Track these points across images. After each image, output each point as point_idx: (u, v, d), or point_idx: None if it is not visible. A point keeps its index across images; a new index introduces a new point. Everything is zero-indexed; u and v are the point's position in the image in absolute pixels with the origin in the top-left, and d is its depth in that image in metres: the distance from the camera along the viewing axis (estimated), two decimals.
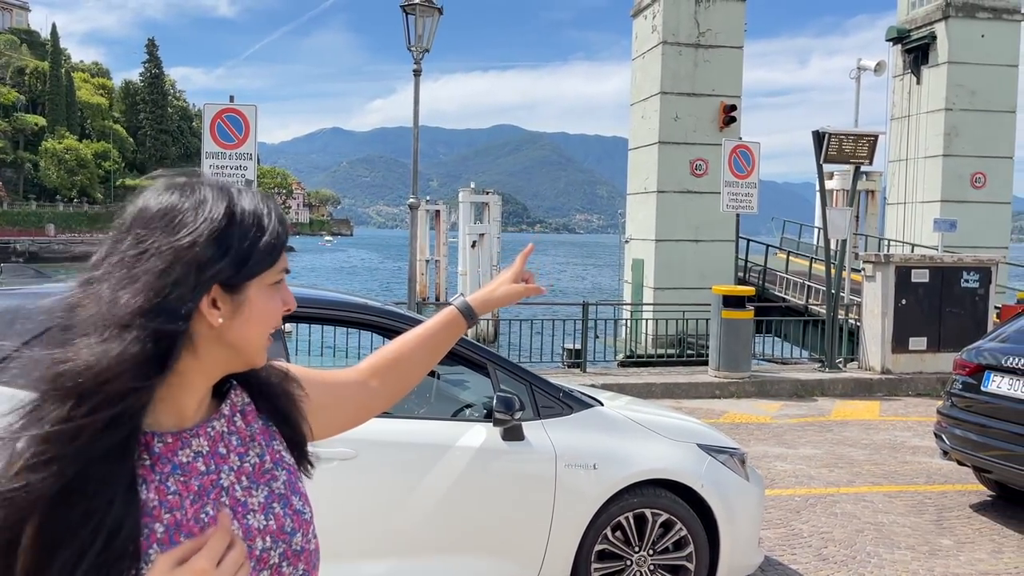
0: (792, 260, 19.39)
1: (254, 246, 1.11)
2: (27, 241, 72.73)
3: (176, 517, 1.06)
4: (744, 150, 12.33)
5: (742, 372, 11.03)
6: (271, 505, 1.15)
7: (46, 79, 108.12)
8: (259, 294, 1.12)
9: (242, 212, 1.12)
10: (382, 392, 1.50)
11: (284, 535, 1.15)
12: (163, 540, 1.04)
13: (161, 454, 1.09)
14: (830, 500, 6.50)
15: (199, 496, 1.10)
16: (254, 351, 1.15)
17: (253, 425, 1.21)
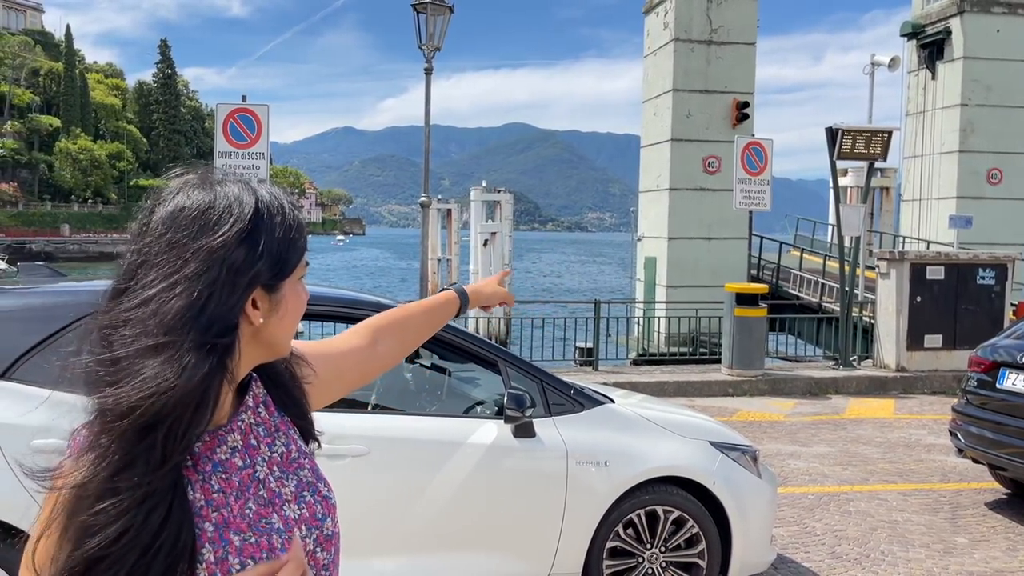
0: (806, 258, 19.28)
1: (289, 243, 1.11)
2: (42, 241, 73.31)
3: (224, 515, 1.07)
4: (757, 147, 12.27)
5: (755, 370, 10.98)
6: (302, 493, 1.16)
7: (60, 80, 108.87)
8: (292, 289, 1.14)
9: (269, 209, 1.11)
10: (384, 355, 1.54)
11: (316, 521, 1.16)
12: (214, 539, 1.05)
13: (201, 453, 1.09)
14: (844, 498, 6.47)
15: (241, 492, 1.10)
16: (285, 344, 1.17)
17: (276, 415, 1.22)
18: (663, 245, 17.72)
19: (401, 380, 4.68)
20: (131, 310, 1.01)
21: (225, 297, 1.03)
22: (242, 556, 1.05)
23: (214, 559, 1.04)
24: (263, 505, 1.11)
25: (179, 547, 1.00)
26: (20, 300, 3.66)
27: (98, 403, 0.99)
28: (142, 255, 1.05)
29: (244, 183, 1.12)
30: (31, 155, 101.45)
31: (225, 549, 1.05)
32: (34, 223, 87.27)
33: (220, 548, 1.04)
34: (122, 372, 0.98)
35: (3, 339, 3.33)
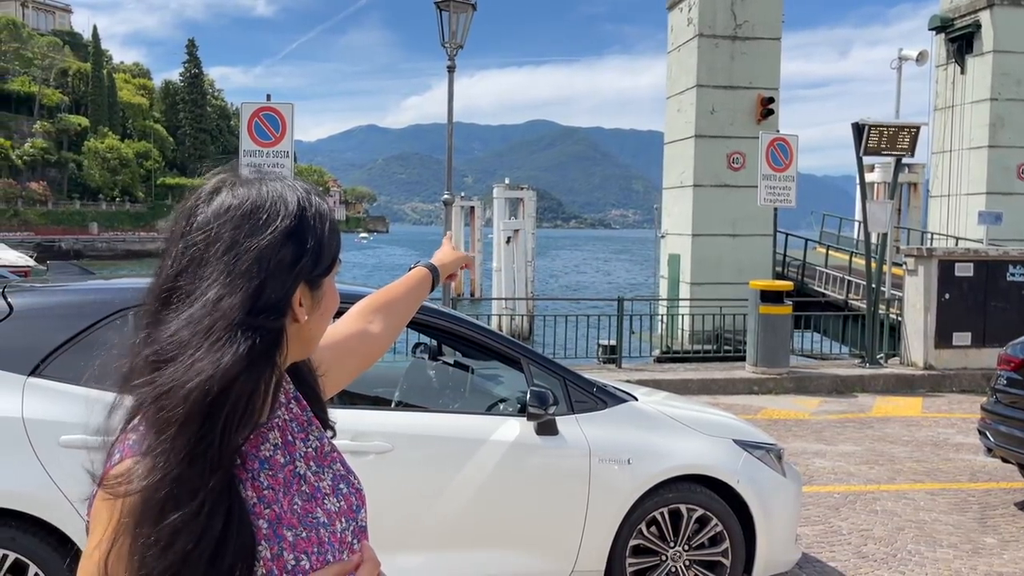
0: (832, 254, 19.10)
1: (328, 240, 1.13)
2: (71, 240, 74.33)
3: (275, 511, 1.08)
4: (782, 143, 12.16)
5: (780, 368, 10.90)
6: (338, 486, 1.18)
7: (88, 80, 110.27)
8: (331, 286, 1.16)
9: (312, 206, 1.13)
10: (379, 336, 1.56)
11: (353, 513, 1.18)
12: (269, 536, 1.05)
13: (248, 451, 1.09)
14: (870, 497, 6.41)
15: (287, 488, 1.11)
16: (319, 341, 1.19)
17: (306, 410, 1.23)
18: (687, 242, 17.62)
19: (424, 378, 4.70)
20: (184, 308, 1.02)
21: (276, 292, 1.05)
22: (296, 551, 1.07)
23: (270, 555, 1.05)
24: (307, 500, 1.13)
25: (242, 549, 1.00)
26: (50, 298, 3.71)
27: (153, 390, 0.98)
28: (189, 253, 1.05)
29: (284, 180, 1.14)
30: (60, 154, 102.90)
31: (280, 545, 1.06)
32: (63, 222, 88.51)
33: (275, 545, 1.06)
34: (178, 361, 0.99)
35: (33, 336, 3.38)
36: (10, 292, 3.53)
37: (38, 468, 3.13)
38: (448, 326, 4.06)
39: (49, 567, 3.22)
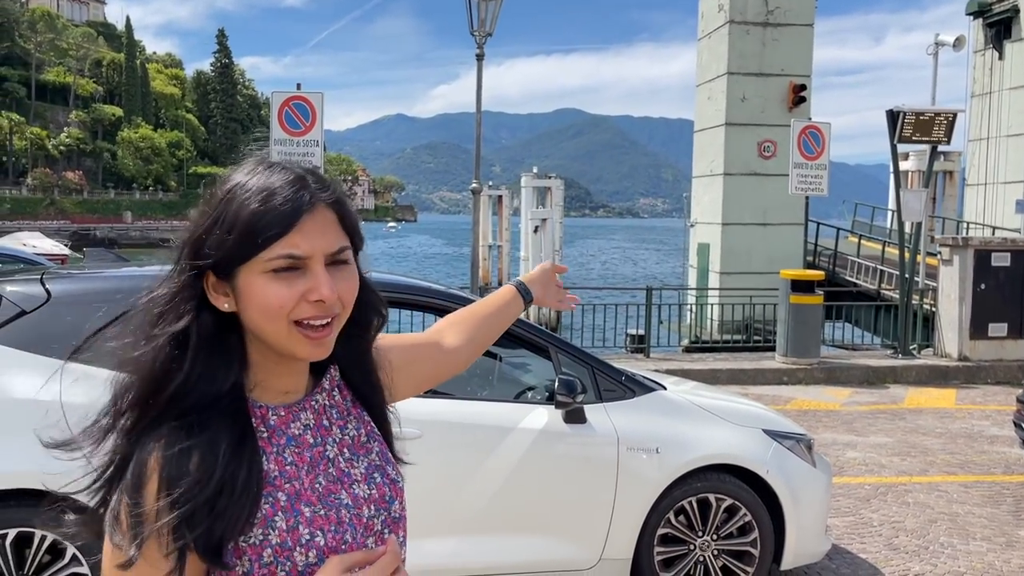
0: (864, 244, 18.85)
1: (233, 229, 1.06)
2: (106, 228, 75.52)
3: (295, 487, 1.11)
4: (814, 131, 12.00)
5: (810, 358, 10.80)
6: (372, 475, 1.19)
7: (122, 70, 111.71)
8: (251, 281, 1.06)
9: (241, 191, 1.08)
10: (462, 352, 1.56)
11: (384, 503, 1.19)
12: (286, 508, 1.08)
13: (276, 427, 1.13)
14: (902, 489, 6.34)
15: (312, 467, 1.14)
16: (277, 342, 1.09)
17: (348, 399, 1.24)
18: (716, 231, 17.48)
19: None
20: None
21: (176, 278, 1.09)
22: (312, 527, 1.09)
23: (285, 527, 1.07)
24: (332, 482, 1.15)
25: (241, 482, 1.05)
26: (87, 284, 3.78)
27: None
28: None
29: (257, 166, 1.11)
30: (95, 144, 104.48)
31: (296, 519, 1.08)
32: (98, 210, 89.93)
33: (291, 517, 1.08)
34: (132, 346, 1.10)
35: (71, 322, 3.45)
36: (48, 279, 3.60)
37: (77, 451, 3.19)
38: None
39: (85, 547, 3.29)
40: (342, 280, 1.10)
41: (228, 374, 1.09)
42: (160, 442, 1.04)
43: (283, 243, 1.05)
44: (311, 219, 1.07)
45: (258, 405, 1.13)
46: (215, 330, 1.09)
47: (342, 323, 1.14)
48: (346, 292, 1.11)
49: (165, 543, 1.01)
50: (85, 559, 3.29)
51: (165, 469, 1.03)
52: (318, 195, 1.09)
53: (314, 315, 1.08)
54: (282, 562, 1.06)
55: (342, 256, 1.11)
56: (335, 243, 1.10)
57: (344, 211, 1.12)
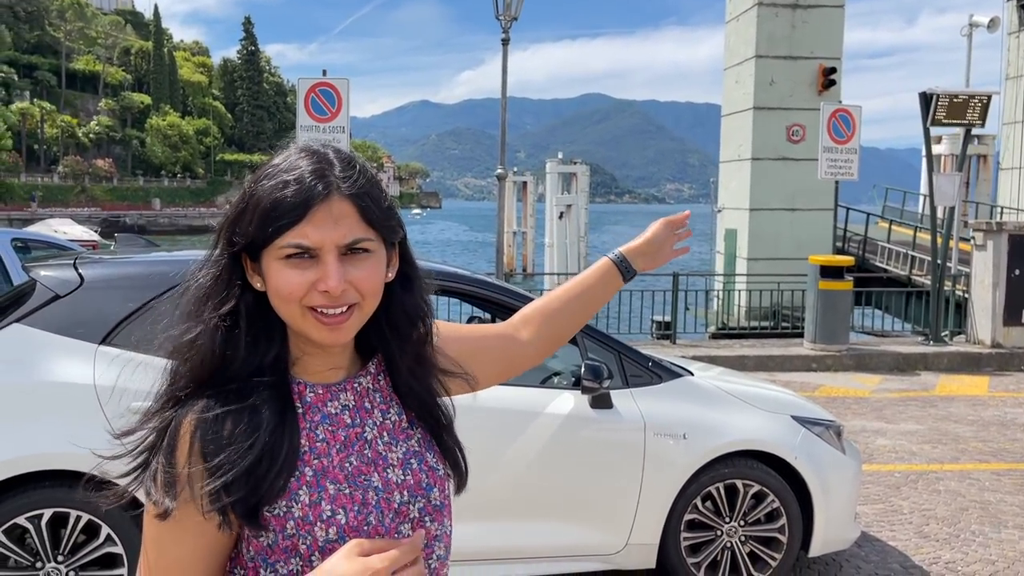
0: (895, 229, 18.59)
1: (254, 216, 1.08)
2: (136, 215, 76.40)
3: (323, 463, 1.12)
4: (844, 114, 11.83)
5: (839, 344, 10.69)
6: (408, 461, 1.19)
7: (150, 59, 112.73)
8: (270, 265, 1.09)
9: (267, 178, 1.10)
10: (535, 343, 1.51)
11: (421, 490, 1.18)
12: (311, 483, 1.11)
13: (312, 403, 1.15)
14: (932, 477, 6.27)
15: (345, 446, 1.15)
16: (293, 325, 1.12)
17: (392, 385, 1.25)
18: (744, 217, 17.33)
19: None
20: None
21: (216, 262, 1.13)
22: (334, 504, 1.10)
23: (308, 501, 1.09)
24: (366, 464, 1.15)
25: (280, 465, 1.08)
26: (118, 269, 3.83)
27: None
28: None
29: (292, 152, 1.13)
30: (124, 132, 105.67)
31: (320, 495, 1.10)
32: (127, 197, 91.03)
33: (315, 492, 1.10)
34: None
35: (103, 306, 3.49)
36: (81, 264, 3.65)
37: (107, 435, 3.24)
38: (502, 299, 4.07)
39: (120, 528, 3.35)
40: (358, 270, 1.09)
41: (270, 349, 1.13)
42: (197, 406, 1.09)
43: (294, 232, 1.07)
44: (324, 209, 1.07)
45: (297, 381, 1.16)
46: (257, 308, 1.13)
47: (367, 311, 1.14)
48: (363, 282, 1.10)
49: (201, 504, 1.05)
50: (119, 539, 3.35)
51: (199, 431, 1.07)
52: (336, 185, 1.09)
53: (324, 304, 1.08)
54: (303, 536, 1.08)
55: (360, 246, 1.10)
56: (349, 235, 1.08)
57: (365, 204, 1.11)
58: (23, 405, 3.36)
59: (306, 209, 1.07)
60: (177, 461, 1.07)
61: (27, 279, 3.70)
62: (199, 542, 1.08)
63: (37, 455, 3.29)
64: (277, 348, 1.14)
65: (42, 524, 3.30)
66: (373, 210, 1.11)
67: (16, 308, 3.51)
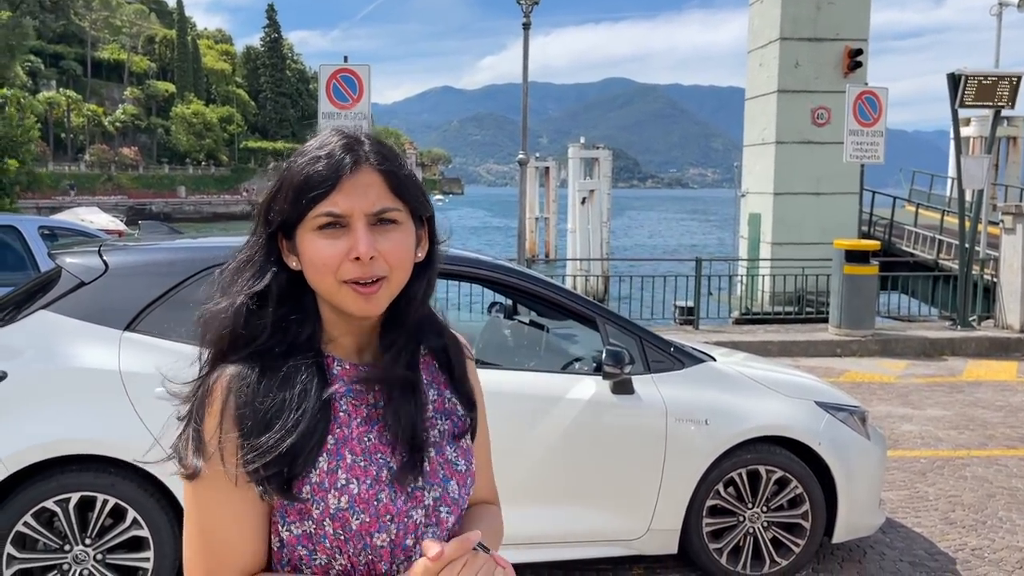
0: (922, 213, 18.34)
1: (289, 192, 1.14)
2: (161, 203, 77.03)
3: (344, 433, 1.17)
4: (870, 96, 11.66)
5: (865, 330, 10.58)
6: (426, 450, 1.21)
7: (174, 47, 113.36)
8: (303, 238, 1.14)
9: (299, 157, 1.16)
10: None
11: (438, 479, 1.20)
12: (331, 451, 1.15)
13: (339, 376, 1.19)
14: (959, 463, 6.20)
15: (365, 422, 1.18)
16: (329, 297, 1.16)
17: (427, 377, 1.27)
18: (768, 201, 17.16)
19: (500, 336, 4.73)
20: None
21: (254, 241, 1.19)
22: (349, 473, 1.15)
23: (327, 468, 1.14)
24: (384, 443, 1.18)
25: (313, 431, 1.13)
26: (142, 256, 3.86)
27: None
28: None
29: (322, 135, 1.18)
30: (149, 120, 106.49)
31: (338, 463, 1.15)
32: (153, 185, 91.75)
33: (334, 460, 1.14)
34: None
35: (128, 293, 3.53)
36: (105, 250, 3.68)
37: (135, 419, 3.28)
38: (524, 285, 4.07)
39: (146, 511, 3.39)
40: (386, 240, 1.14)
41: (303, 328, 1.18)
42: (230, 371, 1.15)
43: (326, 202, 1.12)
44: (353, 179, 1.13)
45: (327, 355, 1.20)
46: (291, 289, 1.18)
47: (395, 285, 1.17)
48: (390, 252, 1.14)
49: (233, 467, 1.11)
50: (145, 522, 3.39)
51: (231, 396, 1.12)
52: (366, 158, 1.15)
53: (358, 276, 1.12)
54: (317, 501, 1.12)
55: (388, 216, 1.14)
56: (377, 203, 1.13)
57: (393, 176, 1.16)
58: (50, 390, 3.40)
59: (336, 180, 1.12)
60: (207, 425, 1.12)
61: (53, 266, 3.75)
62: (238, 505, 1.13)
63: (64, 440, 3.34)
64: (310, 328, 1.18)
65: (70, 508, 3.35)
66: (401, 181, 1.17)
67: (42, 295, 3.56)
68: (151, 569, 3.42)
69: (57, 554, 3.38)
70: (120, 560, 3.43)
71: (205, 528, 1.13)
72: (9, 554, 3.31)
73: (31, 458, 3.30)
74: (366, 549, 1.14)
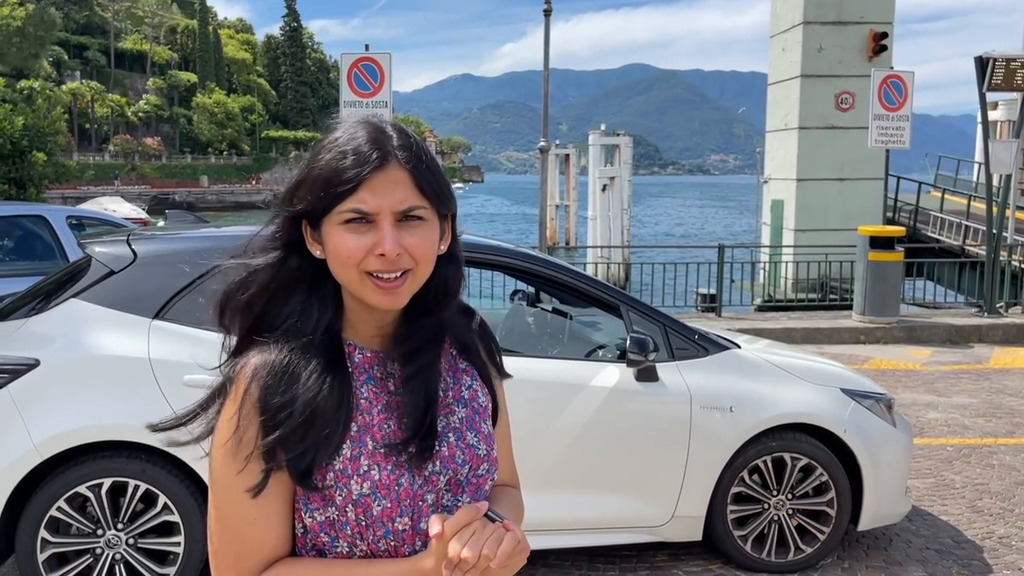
0: (948, 198, 18.10)
1: (315, 183, 1.14)
2: (184, 192, 77.59)
3: (366, 420, 1.18)
4: (896, 80, 11.51)
5: (889, 317, 10.48)
6: (446, 434, 1.22)
7: (195, 37, 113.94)
8: (330, 231, 1.14)
9: (328, 147, 1.16)
10: None
11: (454, 464, 1.21)
12: (354, 438, 1.17)
13: (359, 364, 1.21)
14: (986, 451, 6.14)
15: (385, 409, 1.20)
16: (352, 289, 1.17)
17: (447, 362, 1.28)
18: (791, 187, 17.01)
19: (523, 324, 4.74)
20: None
21: (277, 224, 1.20)
22: (370, 460, 1.16)
23: (349, 455, 1.16)
24: (403, 429, 1.19)
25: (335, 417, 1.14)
26: (170, 245, 3.90)
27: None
28: None
29: (351, 123, 1.18)
30: (172, 110, 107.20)
31: (360, 449, 1.16)
32: (176, 175, 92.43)
33: (357, 447, 1.16)
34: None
35: (156, 282, 3.57)
36: (134, 240, 3.72)
37: (165, 406, 3.32)
38: (547, 272, 4.07)
39: (176, 497, 3.44)
40: (412, 237, 1.14)
41: (324, 313, 1.19)
42: (254, 359, 1.17)
43: (353, 199, 1.12)
44: (381, 176, 1.13)
45: (348, 342, 1.22)
46: (313, 273, 1.19)
47: (420, 278, 1.18)
48: (416, 248, 1.14)
49: (257, 456, 1.12)
50: (175, 508, 3.44)
51: (254, 383, 1.14)
52: (394, 154, 1.14)
53: (381, 269, 1.13)
54: (340, 487, 1.14)
55: (414, 213, 1.14)
56: (404, 202, 1.13)
57: (420, 174, 1.15)
58: (81, 378, 3.45)
59: (364, 176, 1.12)
60: (229, 412, 1.14)
61: (82, 255, 3.79)
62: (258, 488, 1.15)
63: (96, 426, 3.39)
64: (331, 315, 1.19)
65: (102, 493, 3.41)
66: (428, 180, 1.16)
67: (73, 283, 3.61)
68: (182, 553, 3.47)
69: (90, 538, 3.44)
70: (151, 544, 3.48)
71: (230, 515, 1.15)
72: (43, 538, 3.37)
73: (64, 444, 3.36)
74: (388, 535, 1.16)
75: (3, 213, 8.52)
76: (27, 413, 3.34)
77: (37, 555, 3.36)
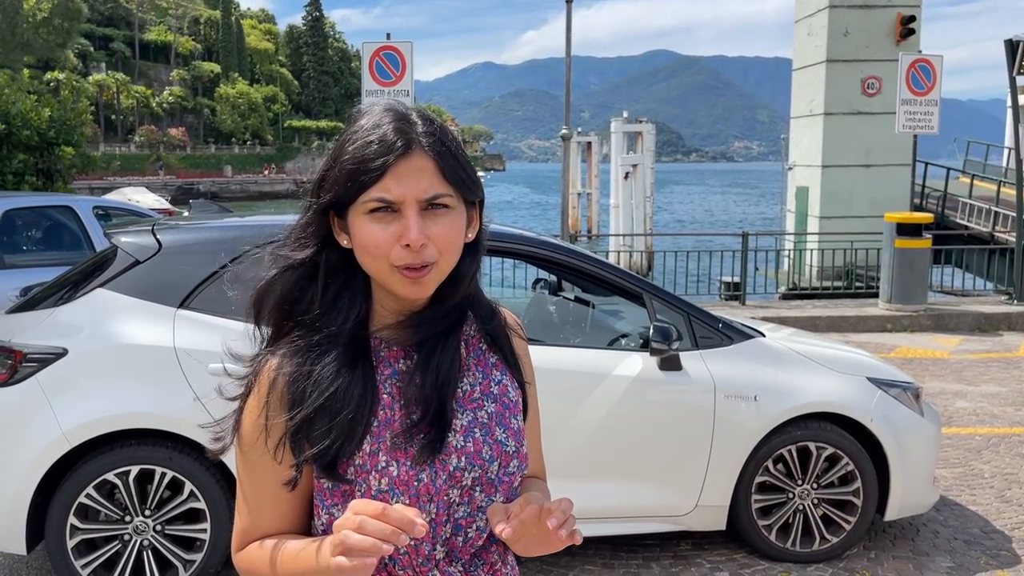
0: (977, 184, 17.82)
1: (340, 173, 1.14)
2: (208, 182, 78.17)
3: (387, 415, 1.17)
4: (924, 64, 11.32)
5: (916, 304, 10.35)
6: (472, 430, 1.21)
7: (218, 28, 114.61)
8: (355, 220, 1.14)
9: (352, 136, 1.15)
10: None
11: (480, 460, 1.20)
12: (374, 433, 1.16)
13: (385, 358, 1.21)
14: (1016, 440, 6.06)
15: (409, 403, 1.18)
16: (379, 279, 1.17)
17: (470, 356, 1.26)
18: (816, 174, 16.83)
19: (545, 312, 4.72)
20: None
21: (307, 217, 1.19)
22: (389, 456, 1.16)
23: (369, 450, 1.15)
24: (427, 423, 1.18)
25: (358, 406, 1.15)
26: (194, 235, 3.92)
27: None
28: None
29: (376, 111, 1.17)
30: (196, 101, 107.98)
31: (379, 444, 1.16)
32: (200, 165, 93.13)
33: (376, 442, 1.16)
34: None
35: (181, 271, 3.59)
36: (159, 230, 3.75)
37: (190, 394, 3.35)
38: (569, 261, 4.05)
39: (202, 484, 3.48)
40: (437, 226, 1.13)
41: (354, 305, 1.19)
42: (280, 352, 1.18)
43: (377, 187, 1.11)
44: (405, 164, 1.12)
45: (374, 336, 1.21)
46: (343, 265, 1.19)
47: (445, 268, 1.17)
48: (441, 238, 1.13)
49: (277, 447, 1.15)
50: (202, 495, 3.48)
51: (279, 376, 1.15)
52: (418, 141, 1.13)
53: (408, 263, 1.12)
54: (359, 483, 1.14)
55: (439, 201, 1.13)
56: (429, 189, 1.12)
57: (444, 161, 1.14)
58: (108, 367, 3.49)
59: (388, 165, 1.11)
60: (255, 404, 1.16)
61: (108, 245, 3.83)
62: (279, 482, 1.17)
63: (123, 414, 3.43)
64: (360, 305, 1.19)
65: (130, 480, 3.45)
66: (453, 167, 1.15)
67: (99, 273, 3.64)
68: (208, 540, 3.51)
69: (118, 525, 3.49)
70: (178, 531, 3.52)
71: (248, 496, 1.20)
72: (72, 525, 3.42)
73: (92, 432, 3.40)
74: None
75: (32, 204, 8.63)
76: (56, 401, 3.38)
77: (67, 541, 3.41)
